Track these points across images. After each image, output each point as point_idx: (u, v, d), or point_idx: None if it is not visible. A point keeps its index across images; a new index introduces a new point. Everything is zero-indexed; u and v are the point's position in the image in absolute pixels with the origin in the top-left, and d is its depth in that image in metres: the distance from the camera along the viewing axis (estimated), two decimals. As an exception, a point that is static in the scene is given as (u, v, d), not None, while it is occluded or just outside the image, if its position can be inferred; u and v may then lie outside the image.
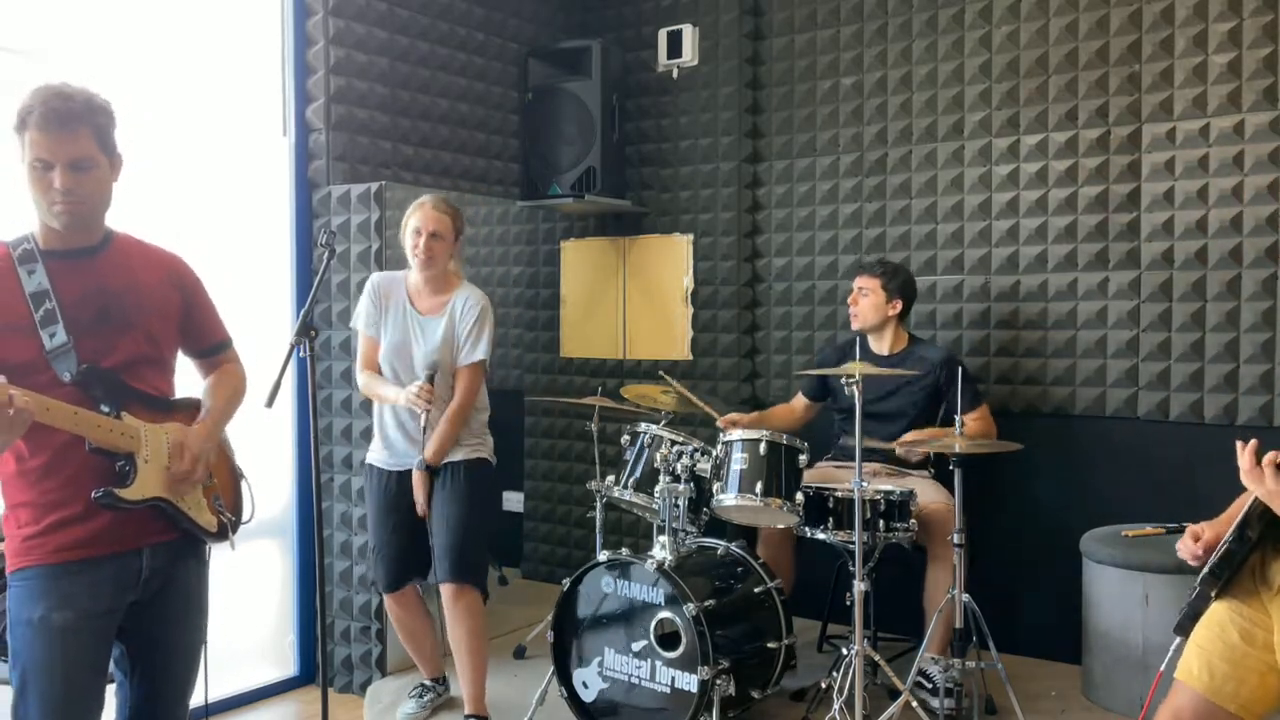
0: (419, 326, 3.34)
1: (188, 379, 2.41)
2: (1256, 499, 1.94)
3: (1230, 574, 2.03)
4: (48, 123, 2.03)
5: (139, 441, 2.14)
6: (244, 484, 2.46)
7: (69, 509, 2.10)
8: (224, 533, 2.34)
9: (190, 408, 2.33)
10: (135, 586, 2.17)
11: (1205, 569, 2.06)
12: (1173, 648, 2.21)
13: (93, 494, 2.07)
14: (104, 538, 2.12)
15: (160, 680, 2.27)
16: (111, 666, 2.23)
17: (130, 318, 2.19)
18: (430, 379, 3.25)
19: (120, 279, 2.19)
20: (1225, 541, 2.04)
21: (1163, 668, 2.31)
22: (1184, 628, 2.13)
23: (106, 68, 3.40)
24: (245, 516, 2.44)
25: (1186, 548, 2.16)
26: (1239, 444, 1.85)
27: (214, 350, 2.42)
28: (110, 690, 2.25)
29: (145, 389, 2.20)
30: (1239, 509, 2.08)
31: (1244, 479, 1.87)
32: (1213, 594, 2.05)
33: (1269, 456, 1.82)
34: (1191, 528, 2.18)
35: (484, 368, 3.37)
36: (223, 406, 2.37)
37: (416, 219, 3.33)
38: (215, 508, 2.32)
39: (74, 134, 2.05)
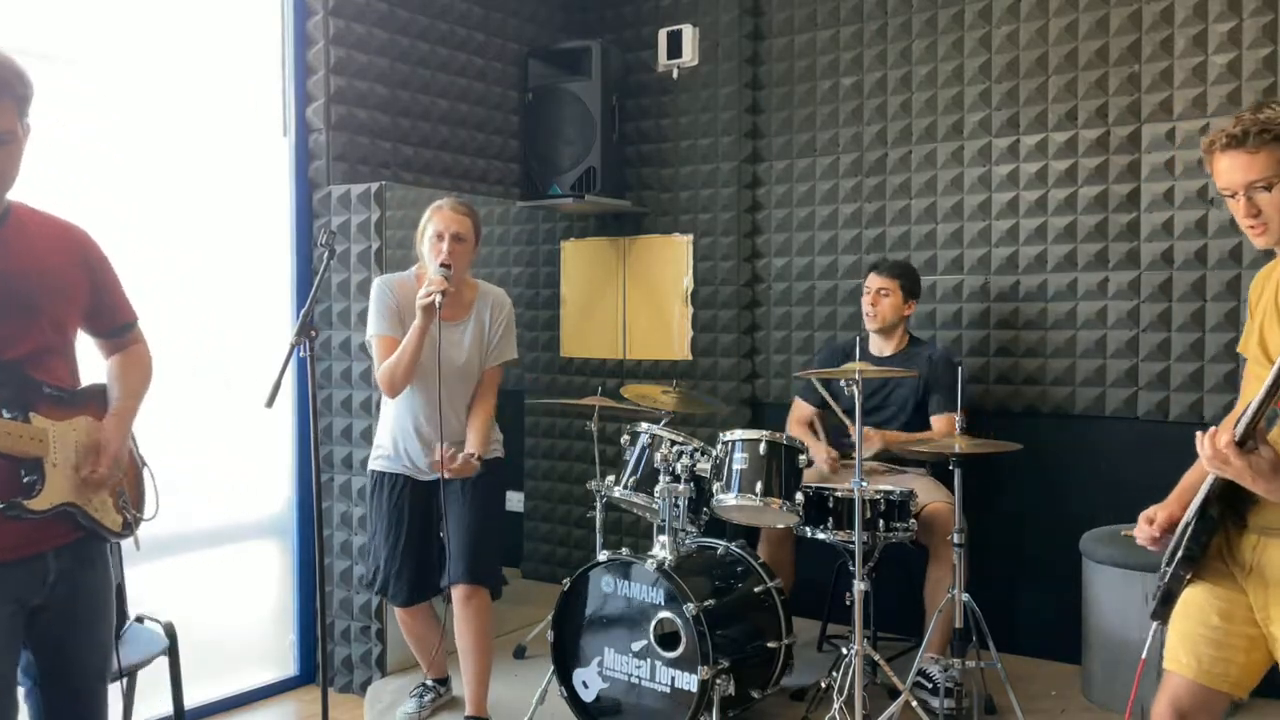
0: (443, 331, 3.20)
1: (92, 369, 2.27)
2: (1216, 479, 1.97)
3: (1203, 553, 2.05)
4: None
5: (47, 445, 2.01)
6: (146, 473, 2.29)
7: None
8: (128, 530, 2.21)
9: (97, 396, 2.17)
10: (41, 590, 2.05)
11: (1177, 551, 2.07)
12: (1150, 633, 2.22)
13: None
14: (8, 543, 1.99)
15: (74, 682, 2.16)
16: (20, 675, 2.11)
17: (34, 302, 1.99)
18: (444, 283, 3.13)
19: (21, 260, 1.98)
20: (1188, 522, 2.06)
21: (1144, 655, 2.33)
22: (1160, 614, 2.14)
23: (107, 68, 3.41)
24: (148, 514, 2.27)
25: (1143, 532, 2.18)
26: (1198, 435, 1.90)
27: (120, 331, 2.25)
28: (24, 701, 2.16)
29: (52, 382, 2.05)
30: (1189, 491, 2.12)
31: (1208, 465, 1.91)
32: (1187, 575, 2.07)
33: (1221, 439, 1.85)
34: (1144, 513, 2.20)
35: None
36: (133, 394, 2.22)
37: (437, 223, 3.21)
38: (120, 505, 2.18)
39: None
